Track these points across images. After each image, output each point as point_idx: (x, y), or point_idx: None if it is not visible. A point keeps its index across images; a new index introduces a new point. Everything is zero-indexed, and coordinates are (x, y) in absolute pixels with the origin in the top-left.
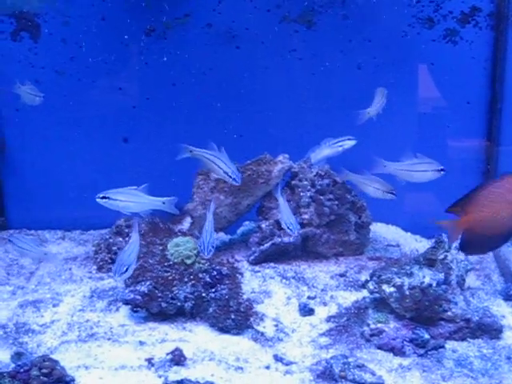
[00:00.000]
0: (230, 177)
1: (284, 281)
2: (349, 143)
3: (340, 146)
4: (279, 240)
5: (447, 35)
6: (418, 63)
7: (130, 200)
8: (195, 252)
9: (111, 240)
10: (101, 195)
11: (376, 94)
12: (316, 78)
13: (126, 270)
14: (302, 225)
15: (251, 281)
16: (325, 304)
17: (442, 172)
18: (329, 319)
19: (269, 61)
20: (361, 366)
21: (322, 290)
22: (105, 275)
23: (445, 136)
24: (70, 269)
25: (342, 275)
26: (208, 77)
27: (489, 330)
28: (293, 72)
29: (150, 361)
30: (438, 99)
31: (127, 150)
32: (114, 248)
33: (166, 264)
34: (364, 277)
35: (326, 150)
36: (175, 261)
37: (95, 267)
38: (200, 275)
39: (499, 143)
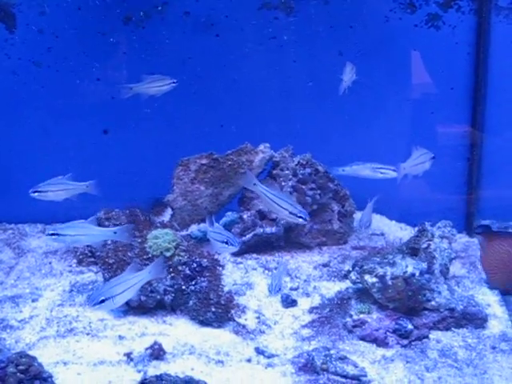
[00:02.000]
0: (297, 215)
1: (266, 272)
2: (390, 174)
3: (381, 173)
4: (261, 231)
5: (429, 20)
6: (400, 49)
7: (80, 233)
8: (174, 244)
9: None
10: (50, 232)
11: (346, 67)
12: (297, 65)
13: (102, 301)
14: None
15: (233, 272)
16: (307, 295)
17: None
18: (311, 310)
19: (249, 48)
20: (343, 358)
21: (305, 281)
22: (85, 269)
23: (428, 123)
24: (50, 263)
25: (325, 265)
26: (187, 66)
27: (473, 319)
28: (273, 59)
29: (129, 355)
30: (421, 85)
31: (107, 142)
32: None
33: (144, 257)
34: (347, 266)
35: (365, 171)
36: (154, 253)
37: (75, 261)
38: (180, 268)
39: (483, 129)
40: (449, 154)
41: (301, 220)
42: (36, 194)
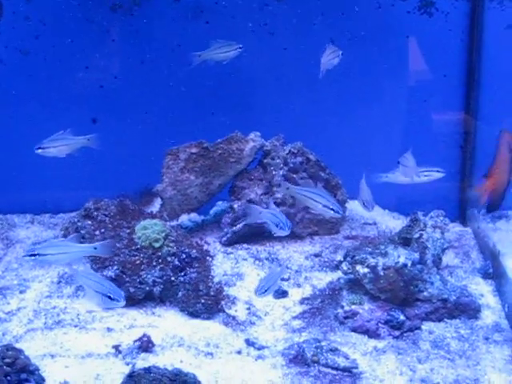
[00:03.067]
0: (332, 209)
1: (257, 262)
2: (436, 175)
3: (426, 175)
4: None
5: (422, 6)
6: (392, 36)
7: (60, 252)
8: (163, 235)
9: (79, 223)
10: (29, 253)
11: (326, 49)
12: (288, 52)
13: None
14: (275, 204)
15: (223, 263)
16: (299, 286)
17: None
18: (302, 301)
19: (239, 36)
20: (334, 350)
21: (296, 272)
22: None
23: (421, 110)
24: None
25: (316, 255)
26: (177, 53)
27: (466, 309)
28: (264, 47)
29: (117, 348)
30: (413, 73)
31: (96, 131)
32: (83, 231)
33: (133, 248)
34: (339, 256)
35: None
36: (143, 244)
37: None
38: (169, 259)
39: (477, 117)
40: (442, 142)
41: (332, 212)
42: (40, 150)
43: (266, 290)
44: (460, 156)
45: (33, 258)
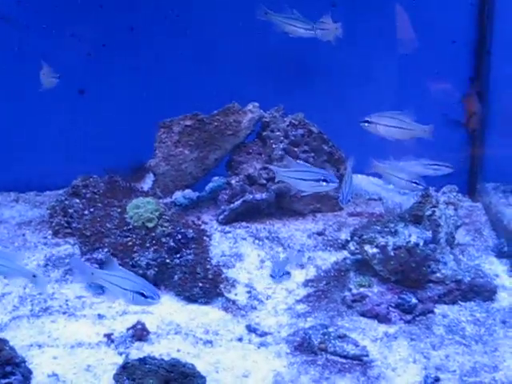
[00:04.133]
0: (325, 180)
1: (257, 242)
2: (445, 170)
3: (434, 169)
4: (251, 197)
5: None
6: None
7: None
8: (157, 214)
9: (67, 202)
10: None
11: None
12: None
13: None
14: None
15: (221, 243)
16: (302, 267)
17: None
18: (306, 284)
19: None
20: (342, 337)
21: (299, 251)
22: (61, 241)
23: (428, 80)
24: (24, 234)
25: (320, 234)
26: (170, 20)
27: (481, 291)
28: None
29: (109, 336)
30: (420, 39)
31: (84, 103)
32: (71, 211)
33: (125, 228)
34: (344, 235)
35: (418, 167)
36: (135, 224)
37: (50, 232)
38: (163, 239)
39: (488, 86)
40: (451, 113)
41: (324, 184)
42: None
43: (283, 274)
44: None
45: None
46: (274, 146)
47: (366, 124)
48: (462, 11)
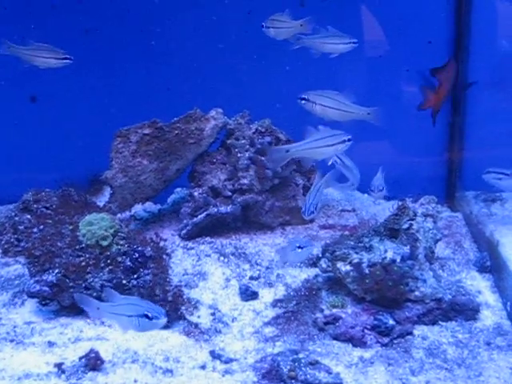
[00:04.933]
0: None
1: (222, 258)
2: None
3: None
4: (215, 210)
5: None
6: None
7: None
8: (112, 231)
9: (17, 218)
10: None
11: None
12: (252, 17)
13: None
14: (241, 191)
15: (183, 260)
16: (270, 285)
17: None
18: (275, 304)
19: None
20: (314, 363)
21: (267, 268)
22: (11, 260)
23: (403, 81)
24: None
25: None
26: (127, 22)
27: (464, 310)
28: (224, 14)
29: (60, 366)
30: (394, 39)
31: (35, 110)
32: (21, 227)
33: (77, 247)
34: (315, 249)
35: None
36: (88, 243)
37: (0, 251)
38: (119, 259)
39: (465, 86)
40: (427, 117)
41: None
42: None
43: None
44: (448, 133)
45: None
46: (239, 155)
47: (303, 102)
48: (439, 9)
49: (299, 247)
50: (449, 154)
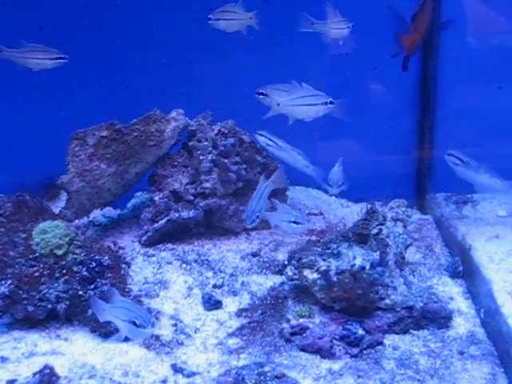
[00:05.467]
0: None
1: (184, 266)
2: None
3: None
4: (176, 215)
5: None
6: None
7: None
8: (67, 239)
9: None
10: None
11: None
12: None
13: None
14: (204, 195)
15: (143, 268)
16: (234, 293)
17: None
18: (240, 313)
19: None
20: (280, 377)
21: (231, 276)
22: None
23: (370, 79)
24: None
25: (254, 255)
26: (84, 19)
27: (436, 317)
28: (185, 11)
29: (12, 383)
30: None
31: None
32: None
33: (31, 257)
34: (281, 255)
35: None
36: (42, 252)
37: None
38: (75, 268)
39: (436, 86)
40: (396, 116)
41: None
42: None
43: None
44: (417, 132)
45: None
46: (201, 157)
47: (261, 96)
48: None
49: (295, 222)
50: (418, 153)
